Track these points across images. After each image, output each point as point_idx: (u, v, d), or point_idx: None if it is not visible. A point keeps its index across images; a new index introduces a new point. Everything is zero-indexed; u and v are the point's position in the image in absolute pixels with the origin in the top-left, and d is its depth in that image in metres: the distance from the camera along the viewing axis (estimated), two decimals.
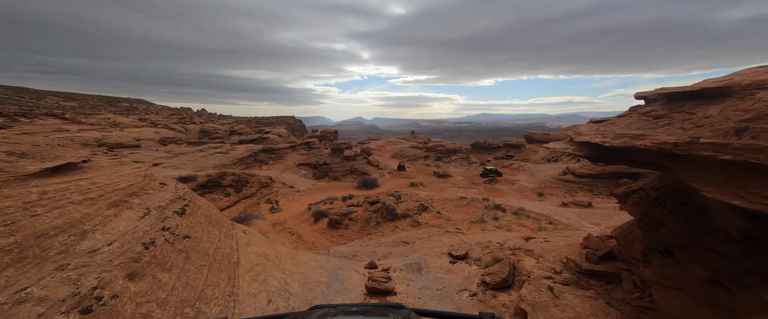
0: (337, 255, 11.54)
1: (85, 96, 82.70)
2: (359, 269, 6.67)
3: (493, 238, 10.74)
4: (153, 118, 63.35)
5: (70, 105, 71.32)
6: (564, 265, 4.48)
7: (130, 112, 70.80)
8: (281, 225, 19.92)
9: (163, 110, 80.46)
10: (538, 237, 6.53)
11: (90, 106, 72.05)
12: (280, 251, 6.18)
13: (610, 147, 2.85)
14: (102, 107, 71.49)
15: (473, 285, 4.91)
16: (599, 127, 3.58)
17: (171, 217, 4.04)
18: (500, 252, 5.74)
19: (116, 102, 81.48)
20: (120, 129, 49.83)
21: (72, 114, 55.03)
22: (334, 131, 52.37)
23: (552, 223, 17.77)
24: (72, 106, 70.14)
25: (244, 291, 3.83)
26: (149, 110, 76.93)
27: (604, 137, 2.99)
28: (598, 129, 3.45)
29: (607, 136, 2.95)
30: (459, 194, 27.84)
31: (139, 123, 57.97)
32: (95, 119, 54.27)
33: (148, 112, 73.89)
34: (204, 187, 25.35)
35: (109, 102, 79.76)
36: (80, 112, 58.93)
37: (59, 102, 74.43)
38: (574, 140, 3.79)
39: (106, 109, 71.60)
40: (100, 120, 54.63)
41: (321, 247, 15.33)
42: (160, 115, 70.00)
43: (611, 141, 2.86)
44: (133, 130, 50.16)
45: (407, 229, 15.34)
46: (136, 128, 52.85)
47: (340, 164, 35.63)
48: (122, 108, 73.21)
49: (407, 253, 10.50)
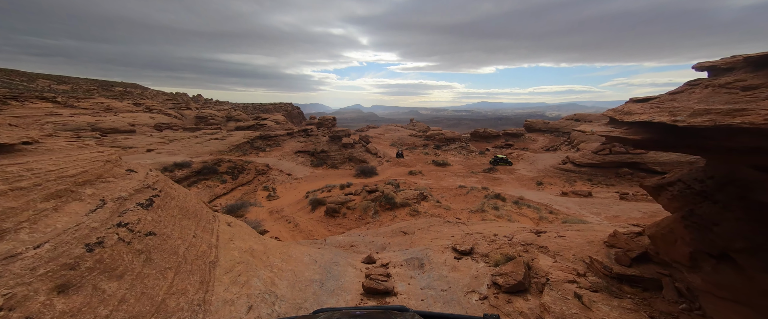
0: (334, 245, 11.03)
1: (78, 80, 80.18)
2: (356, 264, 6.09)
3: (497, 229, 10.22)
4: (148, 103, 61.70)
5: (63, 89, 69.15)
6: (588, 266, 3.90)
7: (124, 96, 68.93)
8: (278, 213, 19.42)
9: (158, 95, 78.42)
10: (549, 231, 5.97)
11: (83, 90, 69.92)
12: (269, 245, 5.56)
13: (686, 128, 2.21)
14: (95, 91, 69.40)
15: (483, 286, 4.34)
16: (654, 104, 2.90)
17: (133, 210, 3.37)
18: (510, 248, 5.17)
19: (110, 86, 79.14)
20: (114, 114, 48.39)
21: (64, 98, 53.35)
22: (333, 118, 51.27)
23: (552, 212, 17.37)
24: (64, 90, 68.05)
25: (219, 298, 3.22)
26: (144, 95, 74.93)
27: (675, 116, 2.33)
28: (656, 106, 2.77)
29: (680, 114, 2.30)
30: (458, 182, 27.36)
31: (134, 108, 56.41)
32: (88, 104, 52.67)
33: (142, 96, 71.99)
34: (199, 174, 24.65)
35: (103, 86, 77.44)
36: (73, 96, 57.16)
37: (51, 85, 72.19)
38: (620, 121, 3.09)
39: (99, 93, 69.59)
40: (93, 104, 53.06)
41: (318, 236, 14.86)
42: (155, 100, 68.15)
43: (689, 120, 2.20)
44: (128, 116, 48.74)
45: (406, 218, 14.85)
46: (130, 113, 51.36)
47: (338, 152, 34.89)
48: (116, 92, 71.13)
49: (407, 244, 9.99)
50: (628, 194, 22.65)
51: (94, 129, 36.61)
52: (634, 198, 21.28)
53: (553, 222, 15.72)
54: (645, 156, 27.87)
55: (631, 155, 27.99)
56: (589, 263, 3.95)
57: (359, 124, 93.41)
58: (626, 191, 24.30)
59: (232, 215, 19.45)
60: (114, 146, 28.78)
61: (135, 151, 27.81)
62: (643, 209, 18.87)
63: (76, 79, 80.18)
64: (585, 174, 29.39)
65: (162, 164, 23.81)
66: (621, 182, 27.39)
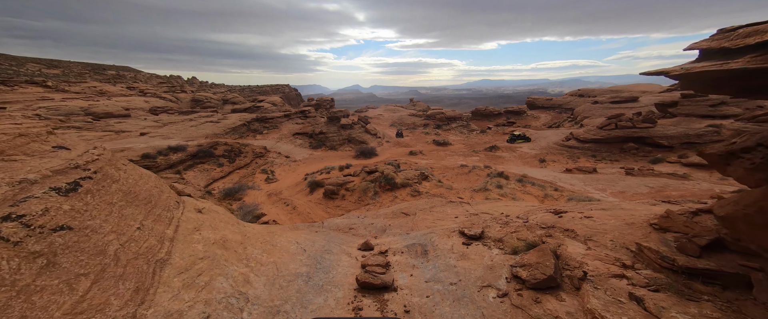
0: (332, 228, 10.33)
1: (69, 63, 77.18)
2: (351, 251, 5.30)
3: (505, 209, 9.43)
4: (142, 87, 59.58)
5: (53, 73, 66.64)
6: (634, 255, 3.09)
7: (117, 80, 66.55)
8: (276, 196, 18.76)
9: (151, 78, 75.80)
10: (571, 211, 5.13)
11: (74, 74, 67.44)
12: (249, 233, 4.73)
13: None
14: (87, 75, 66.97)
15: (501, 280, 3.54)
16: None
17: (40, 197, 2.48)
18: (529, 232, 4.35)
19: (102, 70, 76.29)
20: (107, 98, 46.71)
21: (55, 82, 51.37)
22: (331, 99, 49.48)
23: (557, 190, 16.62)
24: (55, 74, 65.62)
25: (160, 309, 2.42)
26: (137, 78, 72.40)
27: None
28: None
29: None
30: (459, 162, 26.52)
31: (128, 92, 54.49)
32: (80, 88, 50.78)
33: (135, 80, 69.56)
34: (195, 157, 23.78)
35: (95, 70, 74.64)
36: (63, 80, 55.06)
37: (41, 70, 69.55)
38: (734, 48, 2.06)
39: (91, 77, 67.20)
40: (85, 88, 51.16)
41: (316, 218, 14.23)
42: (148, 83, 65.84)
43: None
44: (122, 99, 47.07)
45: (407, 199, 14.12)
46: (124, 97, 49.61)
47: (336, 133, 33.75)
48: (108, 76, 68.65)
49: (408, 226, 9.25)
50: (634, 169, 21.80)
51: (87, 114, 35.25)
52: (641, 173, 20.45)
53: (559, 199, 14.99)
54: (652, 130, 26.72)
55: (638, 129, 26.83)
56: (636, 252, 3.12)
57: (358, 105, 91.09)
58: (631, 166, 23.45)
59: (230, 198, 18.80)
60: (106, 131, 27.69)
61: (128, 135, 26.78)
62: (650, 184, 18.09)
63: (67, 63, 77.20)
64: (589, 150, 28.41)
65: (156, 148, 22.88)
66: (625, 157, 26.47)
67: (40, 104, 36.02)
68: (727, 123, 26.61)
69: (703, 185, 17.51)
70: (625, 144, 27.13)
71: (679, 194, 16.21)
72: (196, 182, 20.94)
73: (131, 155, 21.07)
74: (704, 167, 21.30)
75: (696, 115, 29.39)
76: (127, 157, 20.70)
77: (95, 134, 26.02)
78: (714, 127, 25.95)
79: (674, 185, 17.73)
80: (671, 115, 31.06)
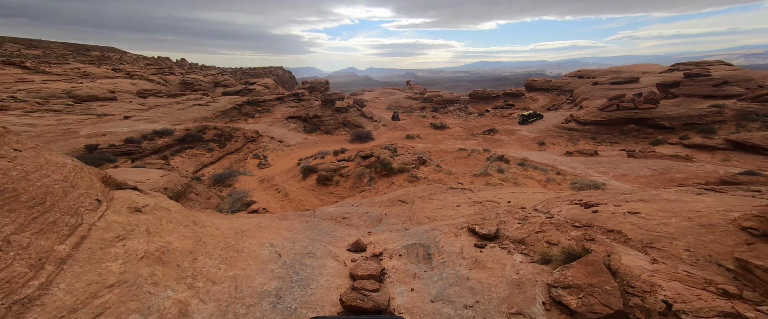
0: (324, 217, 9.37)
1: (50, 43, 72.42)
2: (339, 253, 4.30)
3: (511, 196, 8.48)
4: (128, 69, 56.29)
5: (34, 53, 62.50)
6: (737, 277, 2.11)
7: (101, 61, 62.77)
8: (268, 182, 17.69)
9: (138, 60, 71.73)
10: (605, 202, 4.13)
11: (56, 55, 63.39)
12: (207, 237, 3.66)
13: None
14: (70, 56, 62.99)
15: (535, 305, 2.57)
16: None
17: None
18: (559, 232, 3.37)
19: (85, 51, 71.80)
20: (91, 80, 43.95)
21: (34, 63, 48.08)
22: (325, 82, 47.24)
23: (560, 173, 15.77)
24: (35, 55, 61.58)
25: None
26: (123, 60, 68.42)
27: None
28: None
29: None
30: (458, 145, 25.47)
31: (113, 74, 51.38)
32: (62, 69, 47.71)
33: (121, 61, 65.72)
34: (182, 141, 22.36)
35: (78, 50, 70.21)
36: (44, 61, 51.61)
37: (21, 50, 65.22)
38: None
39: (74, 58, 63.26)
40: (67, 70, 48.09)
41: (309, 206, 13.28)
42: (135, 65, 62.23)
43: None
44: (107, 82, 44.34)
45: (404, 185, 13.15)
46: (109, 79, 46.76)
47: (331, 117, 32.21)
48: (93, 57, 64.68)
49: (406, 215, 8.29)
50: (635, 151, 20.98)
51: (70, 96, 33.05)
52: (643, 155, 19.65)
53: (561, 184, 14.16)
54: (654, 111, 25.70)
55: (640, 111, 25.79)
56: (739, 272, 2.15)
57: (354, 88, 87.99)
58: (632, 148, 22.65)
59: (220, 185, 17.69)
60: (88, 114, 25.87)
61: (111, 119, 25.06)
62: (653, 166, 17.34)
63: (48, 43, 72.42)
64: (589, 132, 27.47)
65: (140, 132, 21.38)
66: (626, 140, 25.64)
67: (20, 87, 33.59)
68: (729, 103, 25.66)
69: (707, 167, 16.77)
70: (626, 126, 26.19)
71: (683, 177, 15.46)
72: (184, 167, 19.68)
73: (114, 140, 19.62)
74: (706, 149, 20.55)
75: (698, 95, 28.33)
76: (109, 141, 19.24)
77: (75, 118, 24.26)
78: (716, 107, 25.01)
79: (677, 167, 16.97)
80: (673, 95, 29.95)
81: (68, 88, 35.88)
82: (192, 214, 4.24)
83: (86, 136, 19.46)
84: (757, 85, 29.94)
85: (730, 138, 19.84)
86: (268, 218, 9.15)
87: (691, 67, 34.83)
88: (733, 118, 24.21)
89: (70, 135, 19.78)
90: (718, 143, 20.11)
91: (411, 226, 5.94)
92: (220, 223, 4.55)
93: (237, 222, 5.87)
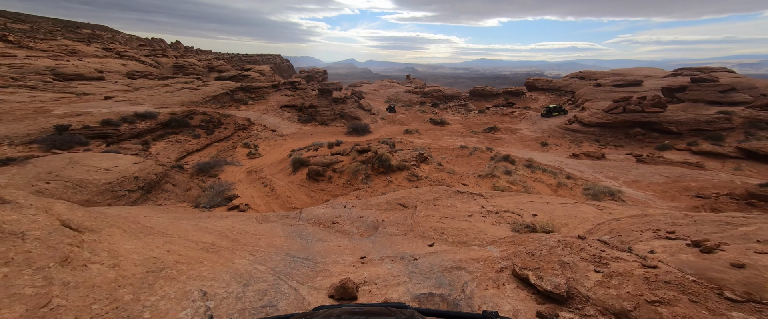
0: (311, 221, 7.95)
1: (38, 18, 68.25)
2: (314, 300, 2.88)
3: (532, 205, 7.12)
4: (119, 49, 53.17)
5: (20, 28, 58.70)
6: None
7: (92, 40, 59.36)
8: (256, 174, 16.14)
9: (131, 40, 68.15)
10: (730, 243, 2.82)
11: (44, 31, 59.69)
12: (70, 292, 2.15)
13: None
14: (59, 33, 59.34)
15: None
16: None
17: None
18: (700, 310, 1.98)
19: (76, 28, 67.86)
20: (79, 58, 41.13)
21: (18, 37, 44.89)
22: (323, 71, 45.11)
23: (570, 177, 14.50)
24: (22, 29, 57.87)
25: None
26: (115, 39, 64.88)
27: None
28: None
29: None
30: (458, 142, 24.08)
31: (103, 53, 48.39)
32: (47, 45, 44.71)
33: (113, 41, 62.26)
34: (166, 126, 20.54)
35: (67, 27, 66.30)
36: (28, 36, 48.29)
37: (6, 24, 61.23)
38: None
39: (63, 35, 59.56)
40: (53, 46, 45.07)
41: (297, 203, 11.82)
42: (128, 45, 58.94)
43: None
44: (95, 61, 41.53)
45: (403, 184, 11.74)
46: (98, 58, 43.86)
47: (328, 107, 30.44)
48: (83, 35, 61.05)
49: (407, 225, 6.91)
50: (643, 155, 19.85)
51: (54, 74, 30.55)
52: (653, 161, 18.52)
53: (573, 189, 12.89)
54: (661, 115, 24.55)
55: (647, 114, 24.61)
56: None
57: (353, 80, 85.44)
58: (638, 152, 21.53)
59: (204, 174, 16.07)
60: (65, 92, 23.73)
61: (91, 99, 22.99)
62: (665, 174, 16.19)
63: (36, 18, 68.23)
64: (592, 134, 26.29)
65: (120, 114, 19.46)
66: (631, 143, 24.53)
67: (1, 62, 30.95)
68: (737, 110, 24.60)
69: (722, 176, 15.66)
70: (632, 129, 25.02)
71: (699, 186, 14.30)
72: (165, 154, 17.96)
73: (89, 121, 17.73)
74: (716, 156, 19.48)
75: (704, 101, 27.21)
76: (84, 123, 17.36)
77: (52, 95, 22.16)
78: (725, 114, 23.93)
79: (691, 175, 15.83)
80: (678, 100, 28.81)
81: (52, 65, 33.30)
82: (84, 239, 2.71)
83: (58, 116, 17.53)
84: (760, 94, 28.94)
85: (741, 146, 18.78)
86: (244, 220, 7.68)
87: (696, 72, 33.67)
88: (741, 125, 23.17)
89: (40, 114, 17.82)
90: (729, 151, 19.05)
91: (419, 249, 4.52)
92: (142, 247, 3.03)
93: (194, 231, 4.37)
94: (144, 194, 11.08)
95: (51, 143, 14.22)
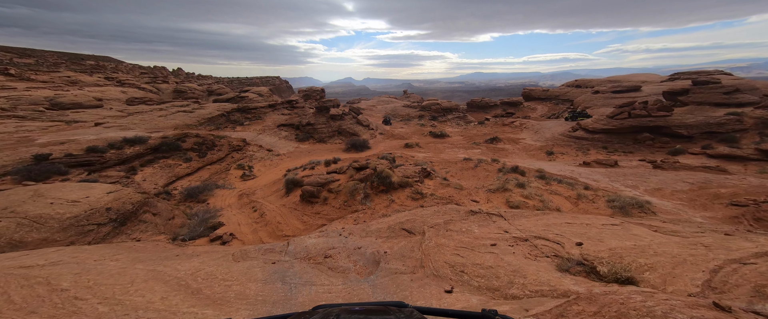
0: (300, 255, 6.60)
1: (43, 52, 69.78)
2: None
3: (568, 229, 5.80)
4: (120, 77, 53.63)
5: (26, 62, 59.74)
6: None
7: (95, 70, 60.11)
8: (248, 197, 14.85)
9: (134, 69, 69.22)
10: None
11: (49, 64, 60.64)
12: None
13: None
14: (63, 65, 60.27)
15: None
16: None
17: None
18: None
19: (80, 60, 69.22)
20: (79, 88, 41.08)
21: (19, 70, 45.22)
22: (321, 89, 45.00)
23: (588, 188, 13.15)
24: (27, 64, 58.80)
25: None
26: (118, 69, 65.88)
27: None
28: None
29: None
30: (461, 155, 22.94)
31: (105, 82, 48.60)
32: (48, 76, 44.87)
33: (116, 70, 63.13)
34: (157, 151, 19.50)
35: (72, 59, 67.61)
36: (30, 69, 48.79)
37: (13, 59, 62.42)
38: None
39: (67, 67, 60.54)
40: (54, 77, 45.20)
41: (287, 230, 10.45)
42: (130, 74, 59.66)
43: None
44: (95, 89, 41.49)
45: (407, 203, 10.43)
46: (98, 87, 43.89)
47: (325, 125, 29.65)
48: (87, 66, 62.07)
49: (415, 261, 5.61)
50: (657, 161, 18.59)
51: (53, 104, 30.04)
52: (671, 166, 17.22)
53: (595, 201, 11.52)
54: (669, 119, 23.56)
55: (654, 118, 23.64)
56: None
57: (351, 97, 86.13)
58: (651, 158, 20.29)
59: (192, 200, 14.79)
60: (56, 121, 22.98)
61: (80, 126, 22.17)
62: (688, 180, 14.83)
63: (42, 52, 69.77)
64: (599, 141, 25.18)
65: (107, 140, 18.48)
66: (640, 149, 23.35)
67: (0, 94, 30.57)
68: (747, 111, 23.64)
69: (752, 181, 14.30)
70: (640, 134, 23.94)
71: (731, 192, 12.91)
72: (153, 180, 16.75)
73: (73, 149, 16.71)
74: (735, 159, 18.21)
75: (709, 103, 26.34)
76: (68, 151, 16.34)
77: (40, 125, 21.35)
78: (734, 115, 22.94)
79: (717, 181, 14.46)
80: (682, 103, 27.97)
81: (51, 96, 32.95)
82: None
83: (40, 145, 16.54)
84: (762, 95, 28.19)
85: (762, 148, 17.56)
86: (217, 259, 6.33)
87: (695, 76, 33.18)
88: (754, 126, 22.09)
89: (22, 144, 16.85)
90: (749, 153, 17.81)
91: (434, 297, 3.19)
92: None
93: (143, 282, 3.05)
94: (117, 227, 9.75)
95: (26, 174, 13.09)
